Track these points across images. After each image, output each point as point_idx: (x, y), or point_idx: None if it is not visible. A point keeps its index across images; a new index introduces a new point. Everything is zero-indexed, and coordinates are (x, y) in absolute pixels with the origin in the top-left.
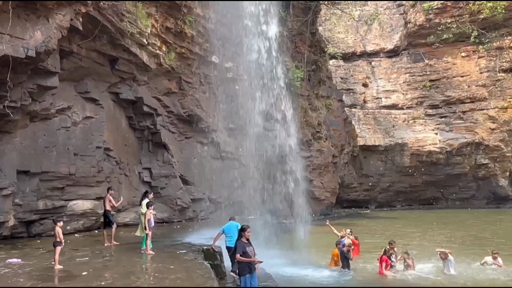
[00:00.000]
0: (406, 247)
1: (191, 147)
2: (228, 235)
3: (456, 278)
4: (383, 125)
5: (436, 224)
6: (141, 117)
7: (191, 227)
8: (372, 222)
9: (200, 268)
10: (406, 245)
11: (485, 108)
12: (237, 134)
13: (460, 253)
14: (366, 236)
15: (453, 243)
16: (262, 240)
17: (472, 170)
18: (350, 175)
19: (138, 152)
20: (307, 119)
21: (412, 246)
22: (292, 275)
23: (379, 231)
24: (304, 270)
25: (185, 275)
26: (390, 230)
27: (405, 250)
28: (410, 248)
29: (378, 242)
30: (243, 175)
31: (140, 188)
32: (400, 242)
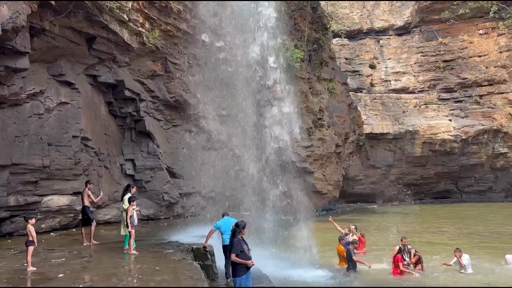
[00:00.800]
0: (417, 244)
1: (179, 136)
2: (225, 233)
3: (471, 276)
4: (392, 110)
5: (450, 219)
6: (123, 103)
7: (180, 224)
8: (380, 218)
9: (189, 269)
10: (417, 242)
11: (504, 91)
12: (230, 121)
13: (479, 250)
14: (373, 233)
15: (470, 239)
16: (258, 238)
17: (489, 160)
18: (355, 167)
19: (120, 142)
20: (307, 105)
21: (423, 243)
22: (290, 276)
23: (387, 228)
24: (303, 271)
25: (172, 276)
26: (400, 226)
27: (414, 248)
28: (421, 245)
29: (386, 239)
30: (237, 167)
31: (122, 182)
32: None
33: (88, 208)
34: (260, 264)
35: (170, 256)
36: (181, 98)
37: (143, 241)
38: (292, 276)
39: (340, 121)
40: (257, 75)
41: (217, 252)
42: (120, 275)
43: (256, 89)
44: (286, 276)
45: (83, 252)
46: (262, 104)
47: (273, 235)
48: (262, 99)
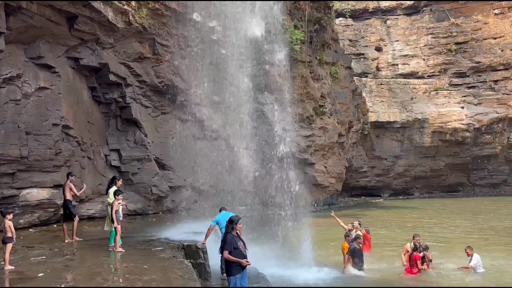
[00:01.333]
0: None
1: (168, 125)
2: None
3: (481, 276)
4: (400, 97)
5: (461, 214)
6: (107, 88)
7: (169, 220)
8: (386, 212)
9: (180, 268)
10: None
11: None
12: (224, 109)
13: (493, 247)
14: (379, 229)
15: (484, 235)
16: (254, 234)
17: (504, 151)
18: (359, 158)
19: (104, 131)
20: (308, 91)
21: (433, 239)
22: (289, 276)
23: (394, 224)
24: (304, 270)
25: (161, 276)
26: (407, 222)
27: (425, 245)
28: (431, 242)
29: (392, 236)
30: (232, 158)
31: (107, 174)
32: None
33: (70, 202)
34: (257, 263)
35: (159, 254)
36: (170, 83)
37: (130, 238)
38: (292, 276)
39: (343, 109)
40: (253, 58)
41: (210, 250)
42: (105, 274)
43: (252, 73)
44: (285, 275)
45: (65, 250)
46: (259, 90)
47: (270, 232)
48: (259, 84)
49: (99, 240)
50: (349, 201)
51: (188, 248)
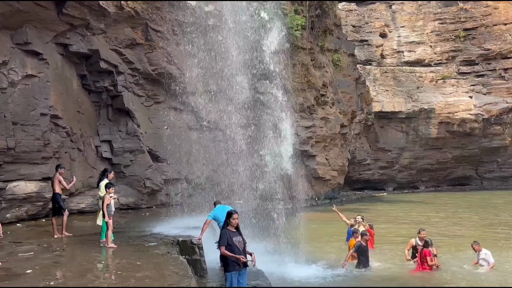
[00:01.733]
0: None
1: (162, 115)
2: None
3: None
4: (405, 86)
5: (469, 208)
6: (98, 76)
7: (164, 214)
8: (390, 207)
9: (174, 264)
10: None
11: None
12: (221, 98)
13: (503, 243)
14: (383, 224)
15: (492, 231)
16: (252, 230)
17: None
18: (362, 150)
19: (95, 121)
20: (309, 79)
21: (440, 234)
22: (289, 274)
23: (399, 218)
24: (307, 267)
25: (155, 272)
26: (413, 216)
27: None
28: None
29: (397, 231)
30: (229, 149)
31: (98, 166)
32: None
33: (60, 195)
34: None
35: (153, 249)
36: (164, 71)
37: (122, 233)
38: (292, 273)
39: (346, 98)
40: (251, 45)
41: (206, 246)
42: (96, 271)
43: (250, 61)
44: (285, 273)
45: (54, 245)
46: (258, 78)
47: (268, 227)
48: (258, 72)
49: (90, 236)
50: (351, 195)
51: (183, 244)
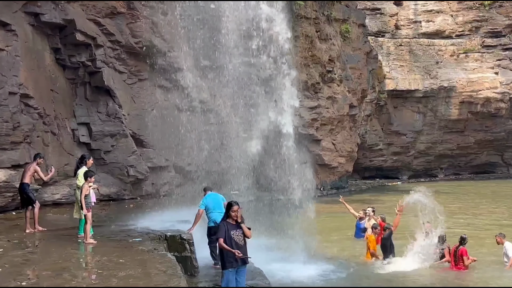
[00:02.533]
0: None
1: (147, 94)
2: (213, 211)
3: None
4: (422, 61)
5: (494, 199)
6: (73, 50)
7: (150, 206)
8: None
9: (162, 262)
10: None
11: None
12: (214, 75)
13: None
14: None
15: None
16: (251, 223)
17: None
18: (373, 133)
19: (71, 101)
20: (314, 53)
21: (462, 227)
22: (289, 272)
23: (415, 210)
24: (307, 266)
25: (140, 271)
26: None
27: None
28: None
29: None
30: (223, 133)
31: (75, 152)
32: None
33: (28, 185)
34: (254, 256)
35: (138, 245)
36: (149, 44)
37: (103, 227)
38: (293, 272)
39: (356, 75)
40: (248, 14)
41: (198, 241)
42: (74, 269)
43: (247, 32)
44: (286, 271)
45: (26, 241)
46: (255, 53)
47: (269, 220)
48: (255, 45)
49: (66, 230)
50: (361, 184)
51: (172, 239)
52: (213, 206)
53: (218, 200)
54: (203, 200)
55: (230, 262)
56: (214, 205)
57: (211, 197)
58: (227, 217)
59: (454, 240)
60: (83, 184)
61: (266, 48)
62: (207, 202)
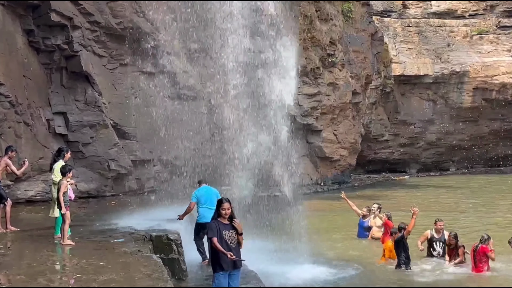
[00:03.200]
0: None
1: (130, 80)
2: (204, 205)
3: None
4: (433, 43)
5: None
6: (48, 32)
7: (133, 203)
8: (412, 193)
9: (147, 265)
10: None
11: None
12: (204, 59)
13: None
14: (403, 215)
15: None
16: (244, 222)
17: None
18: (379, 123)
19: (45, 88)
20: (313, 35)
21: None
22: (286, 275)
23: (424, 208)
24: (305, 268)
25: (123, 275)
26: (441, 205)
27: (453, 233)
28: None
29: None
30: (214, 123)
31: (51, 145)
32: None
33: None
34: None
35: (120, 247)
36: (132, 25)
37: (83, 227)
38: (291, 275)
39: (359, 59)
40: None
41: (186, 242)
42: (50, 273)
43: (241, 11)
44: (282, 274)
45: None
46: (250, 34)
47: (264, 219)
48: (250, 27)
49: (41, 230)
50: (365, 178)
51: (158, 240)
52: (205, 200)
53: (210, 195)
54: (195, 192)
55: (222, 264)
56: (206, 199)
57: (203, 190)
58: (218, 215)
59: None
60: (61, 180)
61: (261, 30)
62: (199, 195)
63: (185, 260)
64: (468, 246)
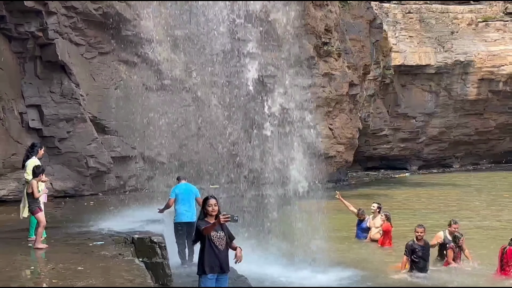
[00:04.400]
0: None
1: (109, 70)
2: (182, 203)
3: None
4: (435, 31)
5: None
6: (21, 18)
7: (114, 203)
8: (413, 192)
9: (128, 270)
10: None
11: None
12: (190, 47)
13: None
14: (403, 215)
15: None
16: (234, 223)
17: None
18: (378, 116)
19: (18, 79)
20: (308, 22)
21: (477, 227)
22: (276, 277)
23: (425, 207)
24: (299, 270)
25: (103, 280)
26: (444, 204)
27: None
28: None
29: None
30: (201, 117)
31: (24, 140)
32: None
33: None
34: None
35: (99, 250)
36: (111, 10)
37: (59, 229)
38: (281, 277)
39: (357, 47)
40: None
41: (170, 243)
42: (24, 279)
43: None
44: (272, 276)
45: None
46: (238, 22)
47: (255, 219)
48: (238, 13)
49: (13, 233)
50: (363, 176)
51: (140, 243)
52: (182, 199)
53: (188, 193)
54: (174, 189)
55: (209, 266)
56: (183, 198)
57: (182, 187)
58: (205, 215)
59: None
60: (32, 180)
61: (250, 16)
62: (178, 192)
63: (169, 264)
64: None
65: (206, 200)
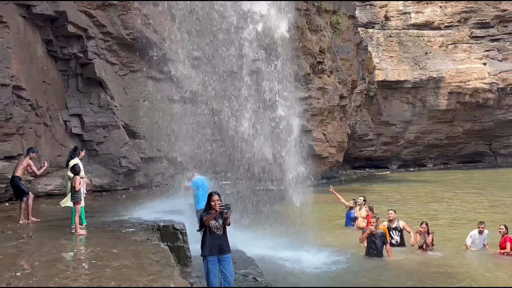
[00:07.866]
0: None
1: (139, 85)
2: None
3: None
4: (412, 52)
5: (481, 188)
6: (65, 41)
7: (142, 197)
8: (393, 187)
9: (155, 252)
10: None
11: None
12: (206, 65)
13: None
14: (385, 207)
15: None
16: (242, 213)
17: None
18: (364, 124)
19: (63, 92)
20: (304, 44)
21: (452, 217)
22: (281, 261)
23: (404, 200)
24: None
25: (134, 261)
26: (418, 198)
27: None
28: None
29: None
30: (215, 124)
31: (67, 143)
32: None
33: (20, 178)
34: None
35: (131, 236)
36: (141, 35)
37: (96, 218)
38: (286, 260)
39: (346, 66)
40: (240, 7)
41: (191, 232)
42: (67, 260)
43: (238, 23)
44: (278, 260)
45: (20, 232)
46: (247, 44)
47: (259, 210)
48: (247, 37)
49: (59, 221)
50: (351, 174)
51: (165, 229)
52: (203, 189)
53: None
54: (195, 181)
55: (208, 248)
56: (203, 189)
57: (201, 180)
58: (209, 208)
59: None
60: (74, 177)
61: (257, 39)
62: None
63: (189, 248)
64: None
65: (210, 196)
